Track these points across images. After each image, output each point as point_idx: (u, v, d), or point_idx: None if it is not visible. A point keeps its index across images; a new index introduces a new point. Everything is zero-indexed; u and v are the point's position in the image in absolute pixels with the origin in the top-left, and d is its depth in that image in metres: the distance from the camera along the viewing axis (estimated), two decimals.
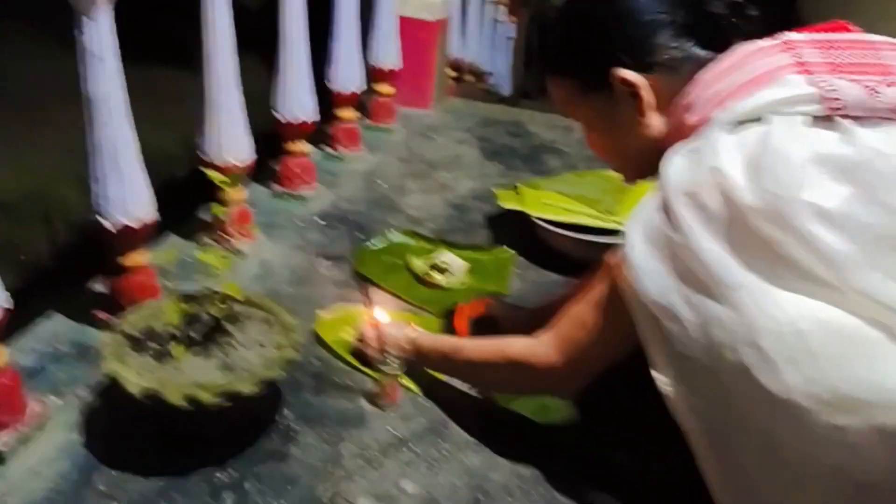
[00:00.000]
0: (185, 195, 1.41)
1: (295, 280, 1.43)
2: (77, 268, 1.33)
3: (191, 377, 0.94)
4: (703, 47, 0.86)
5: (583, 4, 0.94)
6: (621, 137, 0.93)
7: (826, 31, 0.81)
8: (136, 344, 1.00)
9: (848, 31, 0.81)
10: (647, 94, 0.87)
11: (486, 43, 3.47)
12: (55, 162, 1.08)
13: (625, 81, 0.88)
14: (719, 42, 0.85)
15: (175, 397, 0.90)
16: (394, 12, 2.12)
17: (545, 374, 0.94)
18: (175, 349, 0.97)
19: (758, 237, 0.72)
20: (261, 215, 1.64)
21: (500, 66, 3.82)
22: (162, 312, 1.03)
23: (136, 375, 0.93)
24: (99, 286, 1.27)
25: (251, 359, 0.98)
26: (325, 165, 1.95)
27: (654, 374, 0.80)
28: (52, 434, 1.01)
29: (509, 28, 3.83)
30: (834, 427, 0.68)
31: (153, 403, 0.91)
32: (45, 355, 1.16)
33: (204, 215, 1.48)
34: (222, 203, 1.02)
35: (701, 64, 0.85)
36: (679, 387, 0.78)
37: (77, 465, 0.96)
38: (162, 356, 0.98)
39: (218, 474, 0.96)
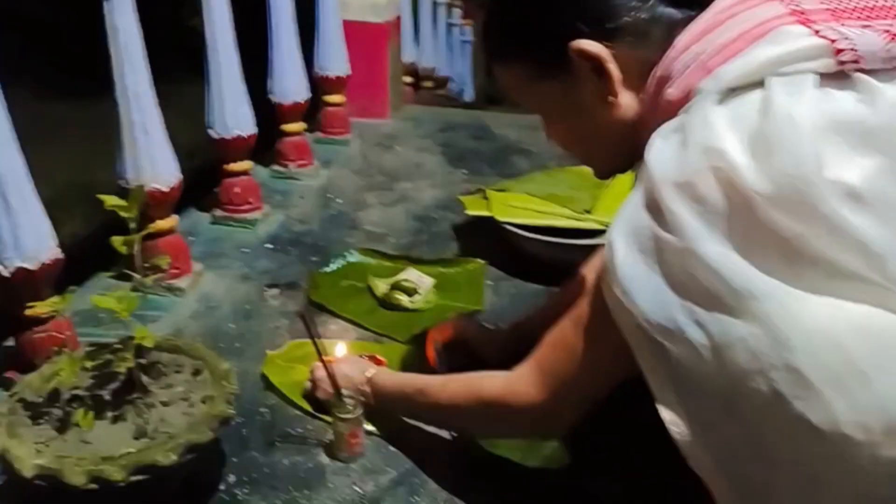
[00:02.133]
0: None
1: (239, 315, 1.26)
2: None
3: (98, 449, 0.77)
4: (675, 5, 0.71)
5: None
6: (586, 124, 0.77)
7: None
8: (35, 412, 0.83)
9: None
10: (614, 68, 0.72)
11: (443, 47, 3.33)
12: None
13: (584, 54, 0.72)
14: None
15: (76, 477, 0.72)
16: (336, 16, 1.97)
17: (528, 414, 0.78)
18: (80, 415, 0.80)
19: (772, 231, 0.57)
20: (201, 245, 1.48)
21: (459, 71, 3.68)
22: (67, 371, 0.85)
23: (31, 452, 0.76)
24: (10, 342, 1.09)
25: (174, 419, 0.81)
26: (273, 185, 1.78)
27: (659, 408, 0.65)
28: None
29: (466, 31, 3.70)
30: (890, 460, 0.55)
31: (53, 485, 0.73)
32: None
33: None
34: (142, 233, 0.86)
35: (675, 26, 0.70)
36: (690, 423, 0.63)
37: None
38: (65, 425, 0.81)
39: None
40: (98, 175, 1.34)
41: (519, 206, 1.45)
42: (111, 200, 0.83)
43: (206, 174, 1.59)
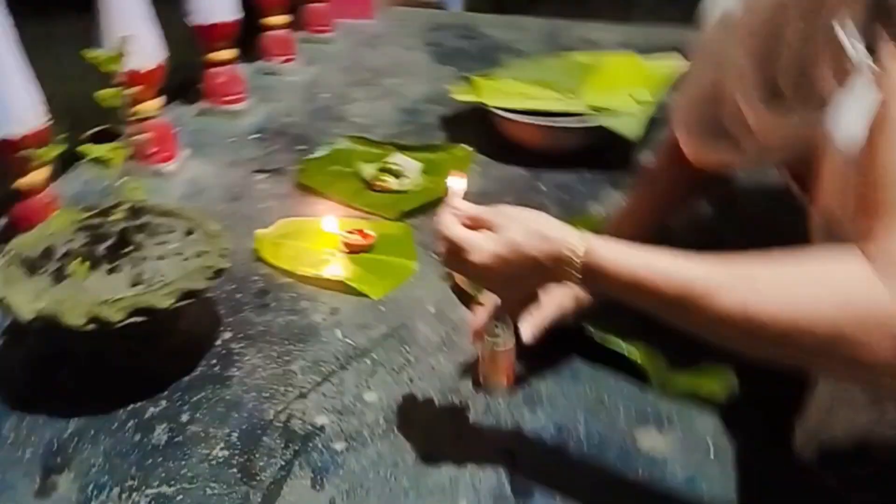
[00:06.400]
0: None
1: (229, 197, 1.27)
2: None
3: (95, 295, 0.79)
4: None
5: None
6: None
7: None
8: (31, 267, 0.84)
9: None
10: None
11: None
12: None
13: None
14: None
15: (75, 318, 0.75)
16: None
17: None
18: (75, 267, 0.82)
19: None
20: (186, 136, 1.47)
21: None
22: (61, 221, 0.87)
23: (30, 298, 0.78)
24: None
25: (168, 270, 0.83)
26: (258, 80, 1.76)
27: None
28: None
29: None
30: None
31: (52, 329, 0.76)
32: None
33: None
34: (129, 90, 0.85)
35: None
36: None
37: None
38: (61, 276, 0.83)
39: (148, 407, 0.82)
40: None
41: (507, 91, 1.44)
42: (97, 57, 0.82)
43: (190, 70, 1.56)
